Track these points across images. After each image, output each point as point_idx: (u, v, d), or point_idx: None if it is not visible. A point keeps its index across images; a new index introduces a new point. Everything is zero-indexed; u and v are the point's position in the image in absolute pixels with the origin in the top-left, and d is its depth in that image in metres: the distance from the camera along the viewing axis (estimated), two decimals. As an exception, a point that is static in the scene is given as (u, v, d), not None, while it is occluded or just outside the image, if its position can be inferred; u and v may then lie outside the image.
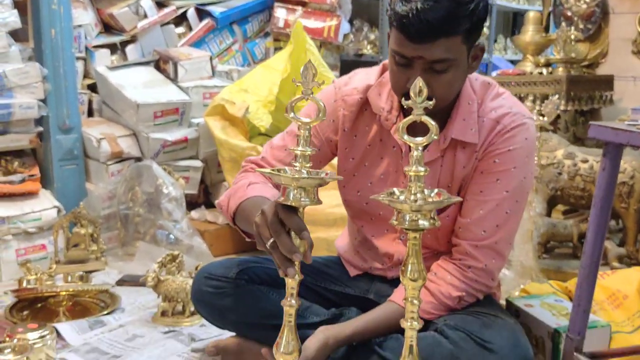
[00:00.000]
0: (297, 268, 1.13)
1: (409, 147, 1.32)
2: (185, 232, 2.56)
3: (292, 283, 1.14)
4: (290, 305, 1.15)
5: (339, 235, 2.28)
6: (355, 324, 1.38)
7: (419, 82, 1.03)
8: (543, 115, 1.98)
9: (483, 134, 1.35)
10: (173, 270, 2.13)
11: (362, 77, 1.49)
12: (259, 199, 1.30)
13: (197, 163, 3.06)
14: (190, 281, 2.03)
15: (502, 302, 1.98)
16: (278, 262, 1.10)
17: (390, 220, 1.06)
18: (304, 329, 1.51)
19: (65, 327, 1.90)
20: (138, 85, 2.94)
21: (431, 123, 1.05)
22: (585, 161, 2.18)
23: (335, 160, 1.57)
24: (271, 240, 1.10)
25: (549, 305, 1.70)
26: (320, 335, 1.34)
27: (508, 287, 2.09)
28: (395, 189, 1.11)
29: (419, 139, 1.05)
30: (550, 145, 2.23)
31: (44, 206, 2.60)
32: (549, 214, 2.35)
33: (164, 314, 2.02)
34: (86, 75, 3.19)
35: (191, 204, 3.20)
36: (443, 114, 1.37)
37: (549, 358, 1.58)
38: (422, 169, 1.05)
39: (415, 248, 1.08)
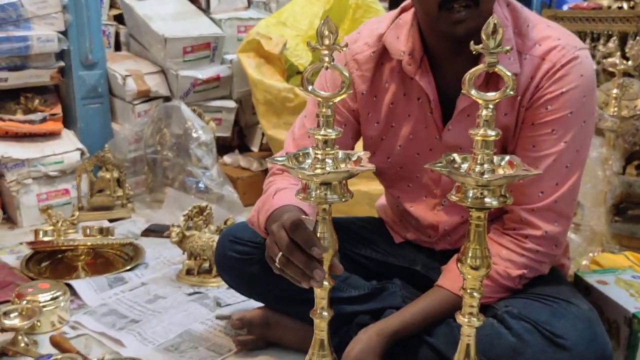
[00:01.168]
0: (326, 274, 0.96)
1: (438, 96, 1.18)
2: (215, 181, 2.42)
3: (321, 293, 0.97)
4: (321, 317, 0.98)
5: (380, 189, 2.16)
6: (401, 317, 1.22)
7: (493, 20, 0.82)
8: (627, 59, 1.72)
9: (526, 74, 1.15)
10: (200, 224, 2.00)
11: (371, 28, 1.30)
12: (287, 208, 1.15)
13: (231, 103, 2.91)
14: (216, 238, 1.90)
15: (571, 272, 1.80)
16: (297, 278, 0.96)
17: (449, 195, 0.88)
18: (341, 304, 1.37)
19: (83, 285, 1.79)
20: (167, 16, 2.75)
21: (507, 74, 0.84)
22: (672, 112, 1.92)
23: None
24: (279, 255, 0.96)
25: (626, 283, 1.49)
26: (363, 337, 1.20)
27: (574, 254, 1.89)
28: (455, 155, 0.92)
29: (491, 94, 0.86)
30: (631, 93, 1.97)
31: (67, 148, 2.49)
32: (622, 172, 2.11)
33: (189, 272, 1.89)
34: (112, 4, 3.01)
35: (224, 147, 3.06)
36: (477, 44, 1.17)
37: (623, 346, 1.39)
38: (493, 132, 0.86)
39: (479, 230, 0.90)
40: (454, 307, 1.14)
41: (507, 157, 0.92)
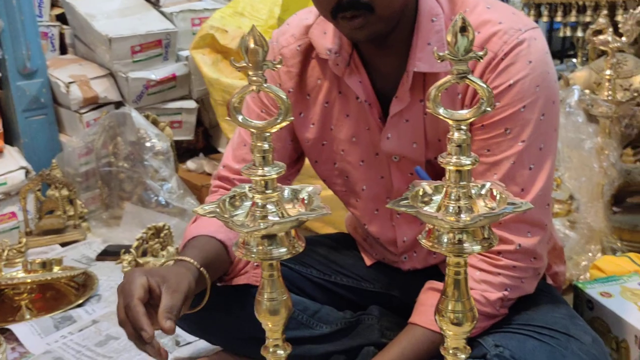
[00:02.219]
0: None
1: (376, 94, 1.09)
2: (175, 194, 2.25)
3: (273, 327, 0.80)
4: (275, 356, 0.82)
5: None
6: None
7: (460, 18, 0.66)
8: (620, 35, 1.57)
9: None
10: (156, 248, 1.83)
11: (300, 18, 1.19)
12: (195, 243, 1.08)
13: (191, 104, 2.75)
14: (175, 264, 1.74)
15: (569, 275, 1.65)
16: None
17: (419, 238, 0.73)
18: (311, 344, 1.22)
19: (24, 329, 1.63)
20: (112, 13, 2.57)
21: (482, 86, 0.69)
22: (671, 90, 1.77)
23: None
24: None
25: (633, 294, 1.35)
26: None
27: (571, 253, 1.74)
28: (424, 185, 0.77)
29: (462, 112, 0.70)
30: (626, 70, 1.81)
31: (9, 167, 2.31)
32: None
33: (146, 304, 1.72)
34: (54, 3, 2.81)
35: (188, 151, 2.89)
36: (402, 42, 1.06)
37: (635, 368, 1.25)
38: (469, 160, 0.70)
39: (458, 278, 0.75)
40: (434, 345, 1.01)
41: (488, 185, 0.76)
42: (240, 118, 0.72)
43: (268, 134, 0.72)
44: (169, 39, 2.62)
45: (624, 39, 1.57)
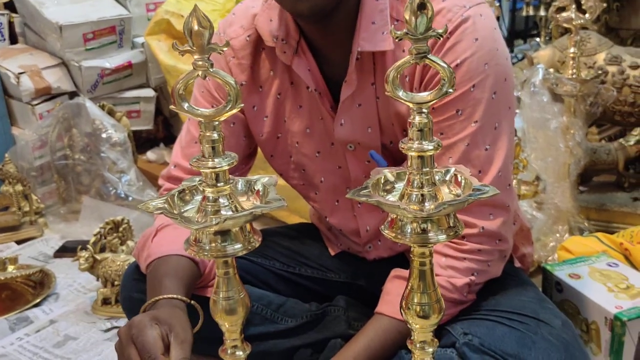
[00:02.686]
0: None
1: (327, 83, 1.06)
2: (134, 186, 2.18)
3: (230, 327, 0.76)
4: (233, 357, 0.78)
5: None
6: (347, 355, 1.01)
7: None
8: (584, 12, 1.55)
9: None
10: (115, 243, 1.77)
11: (246, 6, 1.14)
12: (168, 270, 1.01)
13: (149, 92, 2.68)
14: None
15: (537, 257, 1.64)
16: None
17: (381, 229, 0.70)
18: (276, 338, 1.19)
19: (-24, 333, 1.56)
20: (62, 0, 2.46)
21: (442, 65, 0.65)
22: (635, 67, 1.76)
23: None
24: None
25: (602, 274, 1.34)
26: None
27: (539, 234, 1.73)
28: (386, 172, 0.73)
29: (424, 95, 0.66)
30: (589, 48, 1.80)
31: (-42, 164, 2.20)
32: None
33: (105, 302, 1.67)
34: (1, -10, 2.69)
35: (148, 141, 2.82)
36: (347, 24, 1.03)
37: (605, 350, 1.25)
38: (431, 145, 0.66)
39: (424, 269, 0.71)
40: (402, 335, 0.99)
41: (452, 170, 0.72)
42: (186, 106, 0.67)
43: (217, 123, 0.67)
44: (123, 25, 2.53)
45: (587, 15, 1.55)
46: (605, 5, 1.55)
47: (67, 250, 2.10)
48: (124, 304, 1.22)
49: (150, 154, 2.63)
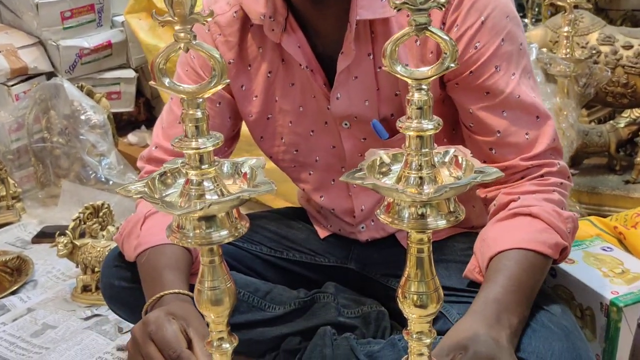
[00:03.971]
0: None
1: (319, 59, 1.04)
2: (114, 169, 2.12)
3: (217, 319, 0.72)
4: (220, 350, 0.74)
5: None
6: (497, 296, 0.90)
7: None
8: (577, -11, 1.51)
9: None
10: (95, 229, 1.72)
11: None
12: (167, 261, 0.98)
13: (129, 73, 2.61)
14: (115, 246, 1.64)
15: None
16: None
17: (376, 213, 0.66)
18: (263, 326, 1.15)
19: (-49, 321, 1.51)
20: (38, -24, 2.38)
21: (444, 38, 0.61)
22: (628, 47, 1.73)
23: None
24: None
25: (596, 259, 1.32)
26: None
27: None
28: (381, 154, 0.69)
29: (423, 70, 0.62)
30: (582, 27, 1.76)
31: None
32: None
33: (85, 289, 1.63)
34: (-25, -34, 2.60)
35: (130, 123, 2.76)
36: None
37: (601, 337, 1.22)
38: (431, 124, 0.62)
39: (422, 256, 0.67)
40: (539, 268, 0.95)
41: (452, 151, 0.69)
42: (167, 82, 0.62)
43: (201, 100, 0.63)
44: (102, 3, 2.47)
45: (582, -7, 1.51)
46: (599, -17, 1.51)
47: (45, 235, 2.05)
48: (105, 292, 1.18)
49: (132, 137, 2.57)
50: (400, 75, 0.62)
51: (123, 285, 1.13)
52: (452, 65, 0.61)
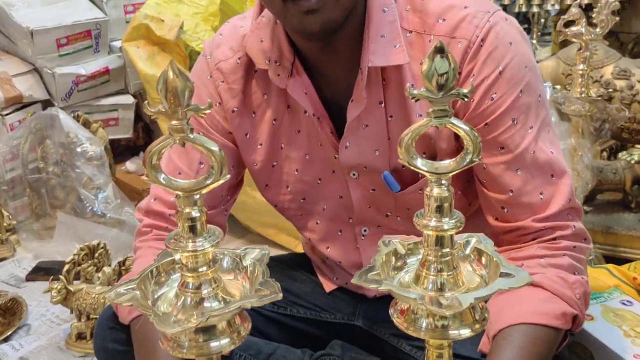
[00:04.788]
0: None
1: (327, 107, 1.02)
2: (111, 204, 2.07)
3: None
4: None
5: None
6: None
7: (439, 44, 0.53)
8: (594, 25, 1.45)
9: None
10: (90, 271, 1.66)
11: (234, 26, 1.08)
12: (153, 327, 0.89)
13: (128, 99, 2.58)
14: (111, 291, 1.58)
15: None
16: None
17: (390, 313, 0.60)
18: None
19: (-63, 375, 1.45)
20: (33, 1, 2.38)
21: (464, 128, 0.56)
22: (644, 81, 1.68)
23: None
24: None
25: (616, 315, 1.26)
26: None
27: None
28: (396, 242, 0.64)
29: (445, 163, 0.57)
30: (595, 60, 1.71)
31: None
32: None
33: (80, 336, 1.57)
34: (-30, -9, 2.56)
35: (128, 148, 2.71)
36: (352, 39, 0.97)
37: (622, 400, 1.16)
38: (453, 222, 0.57)
39: (441, 360, 0.61)
40: (546, 343, 0.88)
41: (473, 242, 0.63)
42: (162, 178, 0.57)
43: (198, 197, 0.57)
44: (100, 29, 2.43)
45: (598, 29, 1.46)
46: (617, 18, 1.45)
47: (40, 271, 2.01)
48: (98, 354, 1.12)
49: (130, 164, 2.52)
50: (421, 170, 0.56)
51: (117, 348, 1.07)
52: (476, 159, 0.56)
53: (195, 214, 0.57)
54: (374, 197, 1.04)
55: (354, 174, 1.04)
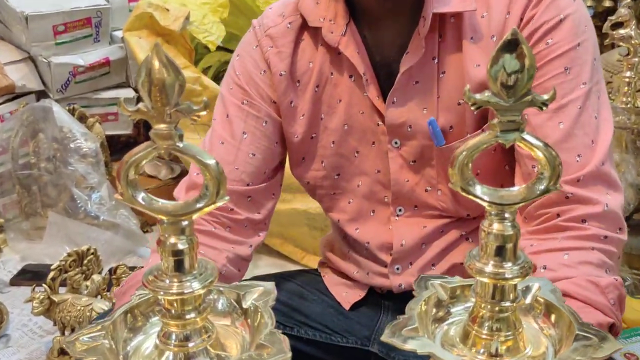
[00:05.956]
0: None
1: (373, 69, 1.02)
2: (105, 205, 1.95)
3: None
4: None
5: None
6: None
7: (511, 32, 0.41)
8: (643, 28, 1.33)
9: (499, 8, 0.96)
10: (78, 279, 1.54)
11: (283, 0, 1.09)
12: None
13: (129, 92, 2.48)
14: (98, 304, 1.46)
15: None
16: None
17: None
18: None
19: None
20: (30, -15, 2.24)
21: (539, 145, 0.43)
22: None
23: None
24: None
25: (664, 354, 1.13)
26: None
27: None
28: (436, 285, 0.53)
29: (512, 191, 0.45)
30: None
31: None
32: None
33: (62, 352, 1.45)
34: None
35: (128, 145, 2.59)
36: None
37: None
38: (516, 270, 0.45)
39: None
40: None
41: (534, 289, 0.51)
42: (140, 197, 0.45)
43: (186, 223, 0.45)
44: (100, 16, 2.33)
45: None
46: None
47: (26, 275, 1.90)
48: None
49: (128, 163, 2.40)
50: (480, 200, 0.44)
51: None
52: (553, 188, 0.43)
53: (182, 245, 0.45)
54: (414, 170, 1.01)
55: (395, 142, 1.01)
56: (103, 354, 0.45)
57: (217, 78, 2.23)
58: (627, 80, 1.37)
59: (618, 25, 1.36)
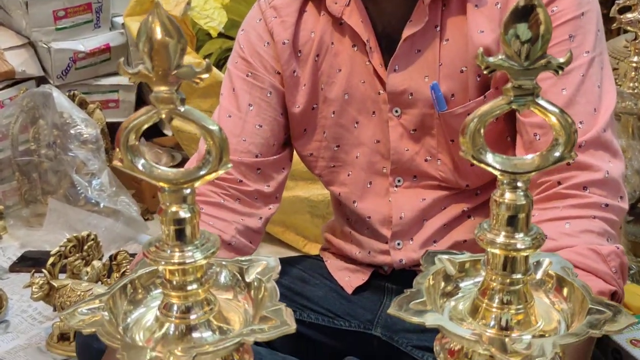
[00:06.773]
0: None
1: (376, 38, 1.02)
2: (106, 191, 1.94)
3: None
4: None
5: (324, 194, 1.81)
6: None
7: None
8: (651, 12, 1.31)
9: None
10: (78, 265, 1.53)
11: None
12: None
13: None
14: (98, 289, 1.45)
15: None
16: None
17: (436, 347, 0.47)
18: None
19: None
20: (31, -31, 2.22)
21: (555, 111, 0.42)
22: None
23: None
24: None
25: (671, 341, 1.12)
26: None
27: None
28: (444, 259, 0.51)
29: (525, 160, 0.43)
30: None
31: None
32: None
33: (62, 337, 1.45)
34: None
35: (128, 134, 2.58)
36: None
37: None
38: (528, 240, 0.43)
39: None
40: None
41: (545, 264, 0.50)
42: (141, 164, 0.43)
43: (189, 192, 0.44)
44: (101, 2, 2.30)
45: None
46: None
47: (26, 261, 1.89)
48: (81, 355, 1.00)
49: (128, 151, 2.39)
50: (491, 167, 0.43)
51: (103, 348, 0.95)
52: (567, 156, 0.42)
53: (184, 214, 0.43)
54: (414, 139, 1.01)
55: (396, 111, 1.01)
56: (101, 325, 0.44)
57: (218, 66, 2.22)
58: (634, 65, 1.35)
59: (626, 9, 1.35)
